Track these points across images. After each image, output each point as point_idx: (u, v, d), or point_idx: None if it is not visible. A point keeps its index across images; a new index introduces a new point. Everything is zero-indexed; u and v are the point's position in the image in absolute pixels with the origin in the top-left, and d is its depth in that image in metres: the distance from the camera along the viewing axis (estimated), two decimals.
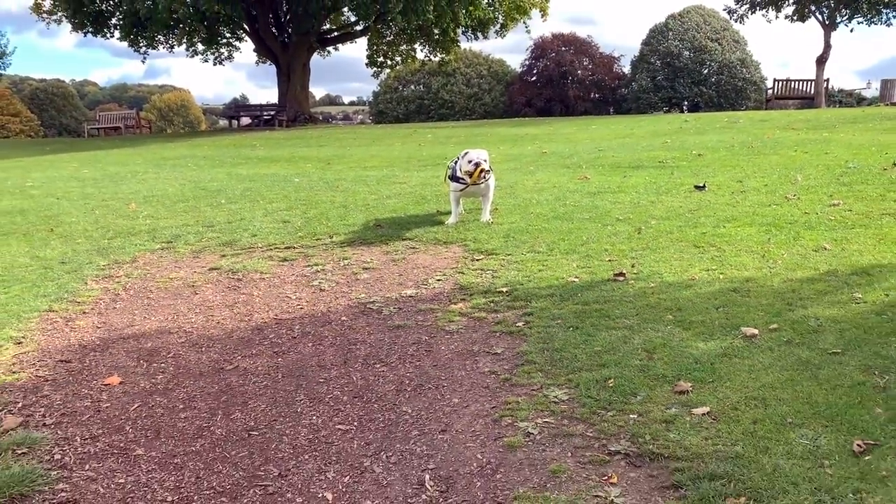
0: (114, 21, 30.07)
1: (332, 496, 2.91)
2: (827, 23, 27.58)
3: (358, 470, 3.08)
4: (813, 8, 27.88)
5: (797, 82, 29.75)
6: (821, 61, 27.54)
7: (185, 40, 32.13)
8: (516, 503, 2.66)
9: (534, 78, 39.58)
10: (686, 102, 34.20)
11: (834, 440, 2.81)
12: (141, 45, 30.79)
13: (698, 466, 2.75)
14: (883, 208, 6.76)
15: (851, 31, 50.30)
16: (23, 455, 3.26)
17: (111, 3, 29.49)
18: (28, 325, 5.13)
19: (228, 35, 33.97)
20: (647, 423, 3.14)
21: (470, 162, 7.17)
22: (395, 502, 2.82)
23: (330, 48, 36.14)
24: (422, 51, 34.80)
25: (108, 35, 30.75)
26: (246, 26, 32.01)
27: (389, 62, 35.87)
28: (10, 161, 18.62)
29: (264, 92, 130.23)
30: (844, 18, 27.81)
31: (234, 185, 11.07)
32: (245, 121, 33.95)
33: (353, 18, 33.32)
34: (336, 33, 35.01)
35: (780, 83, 30.25)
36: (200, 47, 33.53)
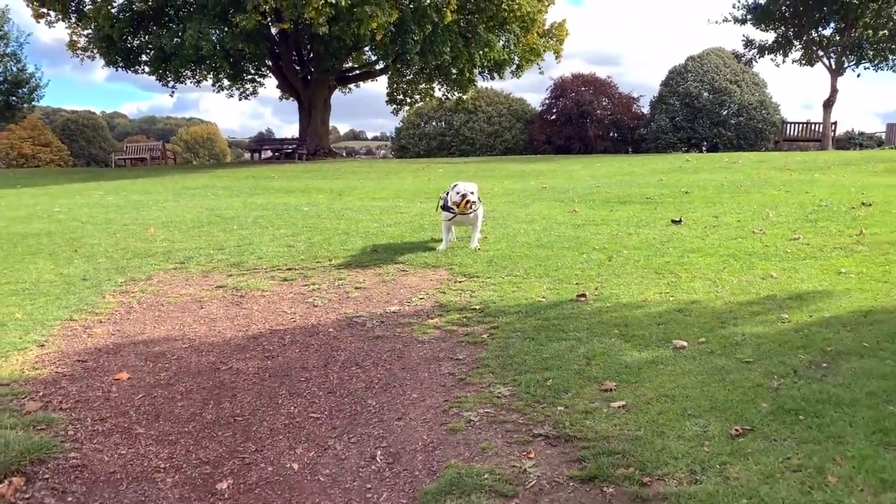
0: (144, 57, 31.35)
1: (298, 466, 3.46)
2: (833, 68, 28.12)
3: (322, 447, 3.63)
4: (820, 53, 28.44)
5: (805, 125, 30.26)
6: (828, 105, 28.02)
7: (211, 76, 33.35)
8: (447, 470, 3.19)
9: (553, 117, 40.01)
10: (705, 143, 34.48)
11: (719, 427, 3.32)
12: (168, 79, 32.01)
13: (602, 446, 3.27)
14: (837, 242, 7.25)
15: (858, 76, 50.90)
16: (41, 430, 3.84)
17: (141, 40, 30.81)
18: (51, 331, 5.74)
19: (253, 71, 35.18)
20: (570, 414, 3.66)
21: (458, 193, 7.78)
22: (349, 471, 3.36)
23: (351, 85, 37.27)
24: (440, 89, 35.76)
25: (138, 70, 32.02)
26: (270, 63, 33.17)
27: (409, 100, 36.84)
28: (39, 188, 19.55)
29: (289, 126, 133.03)
30: (851, 63, 28.34)
31: (247, 213, 11.75)
32: (267, 154, 34.99)
33: (373, 58, 34.39)
34: (357, 71, 36.11)
35: (789, 125, 30.79)
36: (226, 83, 34.73)
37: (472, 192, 7.81)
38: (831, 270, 6.17)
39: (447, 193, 8.09)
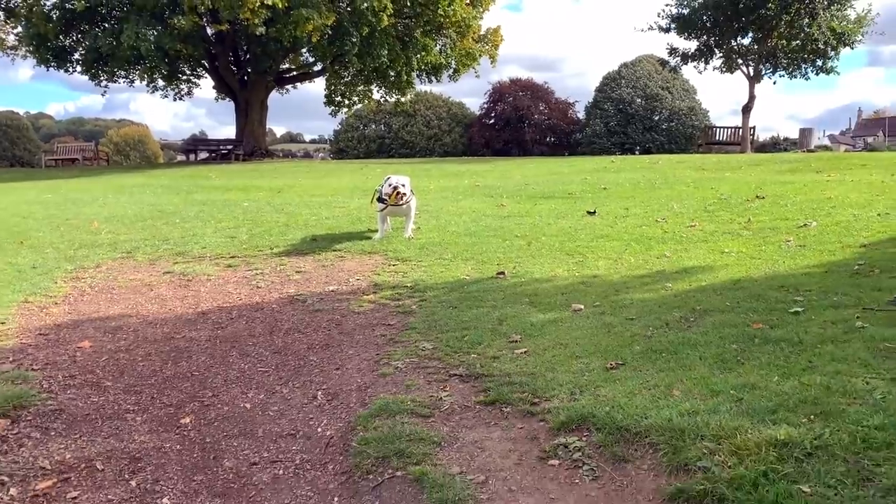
0: (76, 56, 31.00)
1: (250, 406, 4.07)
2: (752, 75, 29.84)
3: (270, 392, 4.25)
4: (739, 61, 30.13)
5: (725, 129, 32.04)
6: (746, 110, 29.75)
7: (146, 76, 33.16)
8: (377, 401, 3.86)
9: (492, 121, 40.62)
10: (638, 147, 35.68)
11: (598, 364, 4.08)
12: (102, 79, 31.71)
13: (505, 380, 3.99)
14: (727, 229, 8.21)
15: (774, 83, 53.63)
16: (19, 384, 4.34)
17: (73, 39, 30.48)
18: (8, 311, 6.16)
19: (188, 72, 35.07)
20: (482, 359, 4.38)
21: (390, 185, 8.46)
22: (295, 407, 4.00)
23: (289, 86, 37.51)
24: (378, 91, 36.31)
25: (71, 70, 31.63)
26: (206, 63, 33.18)
27: (347, 101, 37.25)
28: None
29: (224, 128, 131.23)
30: (768, 71, 30.12)
31: (188, 209, 12.16)
32: (203, 155, 34.94)
33: (311, 59, 34.72)
34: (295, 73, 36.37)
35: (712, 130, 32.53)
36: (161, 83, 34.51)
37: (403, 185, 8.49)
38: (716, 251, 7.07)
39: (381, 186, 8.75)
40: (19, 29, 29.80)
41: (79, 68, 31.26)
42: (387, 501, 3.03)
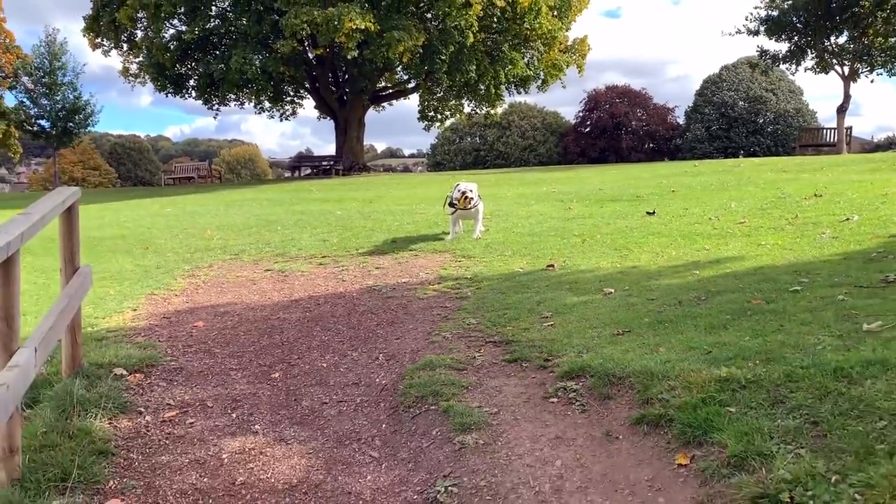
0: (191, 82, 33.75)
1: (325, 364, 5.09)
2: (847, 75, 29.12)
3: (343, 355, 5.26)
4: (833, 61, 29.47)
5: (822, 130, 31.30)
6: (841, 110, 29.01)
7: (253, 98, 35.61)
8: (423, 359, 4.79)
9: (587, 129, 40.42)
10: (742, 151, 34.53)
11: (609, 332, 4.85)
12: (213, 102, 34.39)
13: (528, 344, 4.84)
14: (772, 225, 8.67)
15: (872, 81, 51.12)
16: (149, 350, 5.52)
17: (188, 66, 33.21)
18: (138, 301, 7.46)
19: (292, 93, 37.39)
20: (515, 330, 5.24)
21: (459, 191, 9.41)
22: (359, 365, 4.99)
23: (385, 104, 39.28)
24: (468, 105, 37.48)
25: (186, 95, 34.44)
26: (307, 85, 35.31)
27: (439, 116, 38.63)
28: (101, 205, 21.63)
29: (327, 146, 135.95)
30: (865, 70, 29.31)
31: (288, 218, 13.52)
32: (306, 171, 37.13)
33: (405, 77, 36.28)
34: (390, 90, 38.07)
35: (806, 132, 31.84)
36: (267, 104, 36.98)
37: (471, 191, 9.41)
38: (754, 244, 7.61)
39: (452, 193, 9.71)
40: (141, 58, 32.72)
41: (193, 93, 34.00)
42: (421, 426, 3.95)
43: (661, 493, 3.06)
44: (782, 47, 30.05)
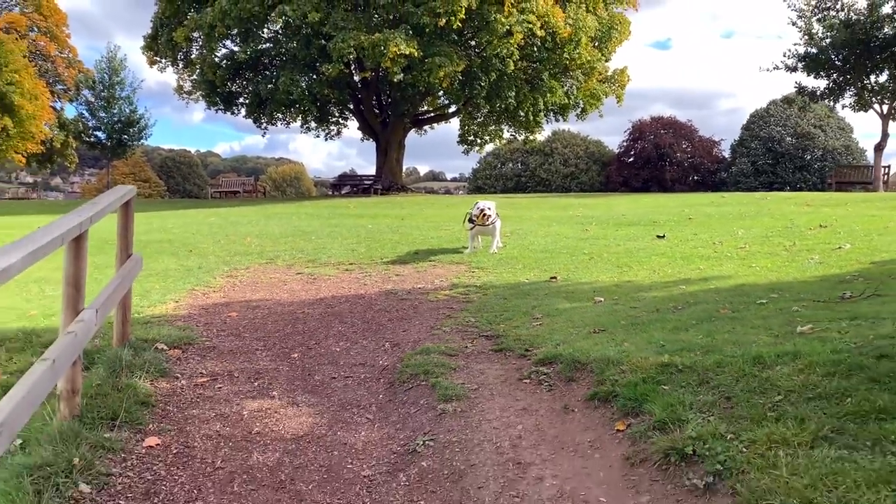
0: (241, 100, 35.23)
1: (338, 349, 5.82)
2: (885, 113, 29.20)
3: (354, 342, 5.98)
4: (873, 99, 29.59)
5: (857, 168, 31.34)
6: (878, 148, 29.08)
7: (299, 118, 36.97)
8: (422, 346, 5.48)
9: (631, 159, 40.24)
10: (788, 187, 33.84)
11: (587, 331, 5.48)
12: (262, 121, 35.79)
13: (516, 338, 5.50)
14: (769, 250, 9.18)
15: None
16: (187, 332, 6.31)
17: (239, 85, 34.70)
18: (180, 295, 8.29)
19: (337, 114, 38.70)
20: (507, 328, 5.91)
21: (478, 208, 10.12)
22: (367, 350, 5.70)
23: (426, 127, 40.36)
24: (508, 131, 38.28)
25: (236, 112, 35.93)
26: (352, 107, 36.55)
27: (479, 140, 39.53)
28: (149, 213, 22.82)
29: (371, 167, 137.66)
30: None
31: (323, 229, 14.37)
32: (346, 189, 38.29)
33: (446, 102, 37.28)
34: (431, 114, 39.12)
35: (842, 169, 31.87)
36: (313, 124, 38.33)
37: (489, 208, 10.12)
38: (745, 266, 8.16)
39: (472, 210, 10.43)
40: (195, 76, 34.31)
41: (243, 111, 35.45)
42: (411, 397, 4.64)
43: (599, 451, 3.70)
44: (821, 84, 30.27)
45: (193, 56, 33.86)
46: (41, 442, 3.74)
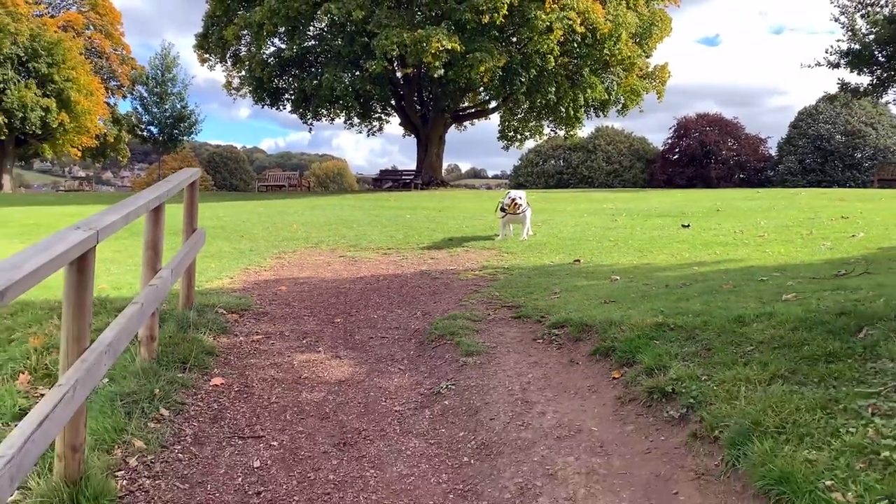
0: (287, 96, 36.31)
1: (376, 316, 6.52)
2: None
3: (390, 311, 6.67)
4: None
5: None
6: None
7: (343, 114, 37.93)
8: (449, 314, 6.15)
9: (676, 156, 40.04)
10: (836, 185, 33.18)
11: (599, 301, 6.08)
12: (307, 117, 36.83)
13: (535, 308, 6.13)
14: (786, 238, 9.61)
15: None
16: (243, 300, 7.07)
17: (285, 81, 35.78)
18: (234, 272, 9.08)
19: (379, 110, 39.57)
20: (527, 300, 6.53)
21: (509, 198, 10.74)
22: (402, 317, 6.39)
23: (466, 123, 40.99)
24: (548, 126, 38.65)
25: (282, 108, 37.04)
26: (394, 103, 37.36)
27: (519, 136, 39.99)
28: (202, 203, 23.76)
29: (413, 163, 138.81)
30: None
31: (364, 219, 15.14)
32: (387, 184, 39.18)
33: (486, 97, 37.83)
34: (471, 110, 39.72)
35: (885, 166, 31.63)
36: (356, 120, 39.27)
37: (520, 197, 10.73)
38: (760, 251, 8.63)
39: (504, 199, 11.05)
40: (243, 73, 35.49)
41: (288, 107, 36.53)
42: (438, 352, 5.31)
43: (596, 393, 4.32)
44: (864, 80, 30.06)
45: (242, 53, 35.02)
46: (126, 377, 4.50)
